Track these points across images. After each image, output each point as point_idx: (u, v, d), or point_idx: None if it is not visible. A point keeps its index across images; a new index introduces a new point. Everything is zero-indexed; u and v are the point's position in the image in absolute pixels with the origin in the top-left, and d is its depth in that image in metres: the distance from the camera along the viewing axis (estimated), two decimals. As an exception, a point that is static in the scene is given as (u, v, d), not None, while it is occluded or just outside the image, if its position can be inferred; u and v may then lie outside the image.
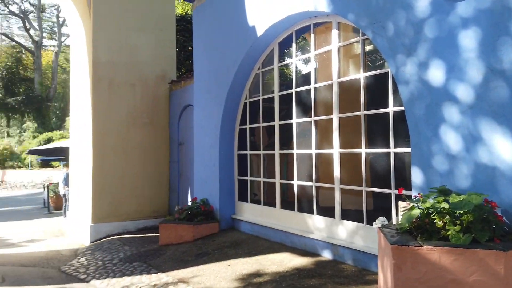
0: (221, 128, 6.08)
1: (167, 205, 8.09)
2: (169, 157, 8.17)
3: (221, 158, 6.11)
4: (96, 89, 7.53)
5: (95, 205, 7.40)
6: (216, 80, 6.23)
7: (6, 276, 4.98)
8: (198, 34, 6.78)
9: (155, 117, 8.07)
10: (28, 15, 44.48)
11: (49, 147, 18.14)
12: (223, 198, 6.10)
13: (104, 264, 5.41)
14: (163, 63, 8.18)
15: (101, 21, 7.59)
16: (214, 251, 5.13)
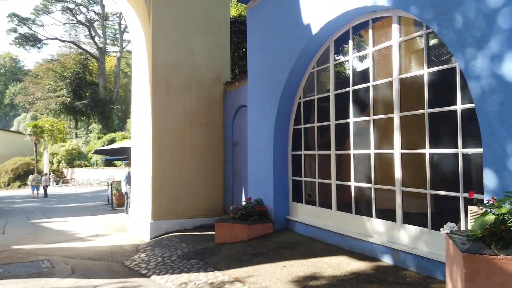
0: (275, 128, 6.06)
1: (222, 204, 8.23)
2: (223, 157, 8.30)
3: (275, 158, 6.08)
4: (155, 91, 7.84)
5: (155, 203, 7.70)
6: (270, 80, 6.22)
7: (75, 269, 5.33)
8: (252, 35, 6.81)
9: (210, 117, 8.23)
10: (93, 24, 47.63)
11: (113, 147, 19.24)
12: (277, 199, 6.07)
13: (164, 260, 5.60)
14: (218, 65, 8.33)
15: (160, 27, 7.89)
16: (269, 252, 5.11)
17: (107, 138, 34.57)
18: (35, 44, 47.43)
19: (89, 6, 47.20)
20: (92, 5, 47.21)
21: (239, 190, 7.80)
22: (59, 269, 5.33)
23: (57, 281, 4.70)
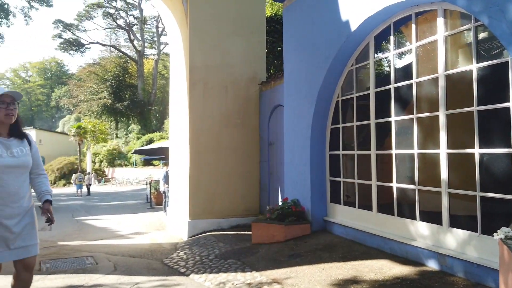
0: (312, 127, 5.96)
1: (258, 204, 8.22)
2: (259, 157, 8.29)
3: (312, 158, 5.98)
4: (192, 92, 7.95)
5: (192, 202, 7.81)
6: (306, 79, 6.12)
7: (117, 265, 5.49)
8: (288, 33, 6.75)
9: (246, 117, 8.25)
10: (132, 28, 49.20)
11: (151, 147, 19.76)
12: (314, 199, 5.97)
13: (201, 259, 5.66)
14: (253, 65, 8.33)
15: (197, 28, 7.99)
16: (306, 253, 5.03)
17: (146, 138, 35.60)
18: (79, 49, 49.62)
19: (128, 10, 48.83)
20: (131, 9, 48.80)
21: (275, 190, 7.75)
22: (102, 265, 5.51)
23: (100, 277, 4.86)
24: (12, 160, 2.75)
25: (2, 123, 2.79)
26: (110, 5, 48.00)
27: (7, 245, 2.72)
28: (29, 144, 2.93)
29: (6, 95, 2.76)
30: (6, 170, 2.71)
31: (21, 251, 2.77)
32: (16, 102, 2.81)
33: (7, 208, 2.71)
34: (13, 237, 2.72)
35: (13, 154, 2.78)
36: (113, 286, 4.48)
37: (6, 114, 2.76)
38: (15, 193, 2.74)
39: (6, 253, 2.72)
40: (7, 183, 2.71)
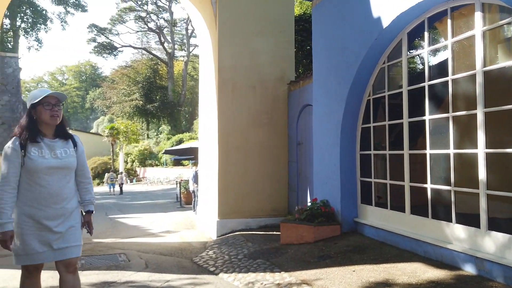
0: (342, 127, 5.86)
1: (287, 204, 8.17)
2: (288, 157, 8.24)
3: (342, 158, 5.88)
4: (221, 92, 8.01)
5: (221, 202, 7.86)
6: (336, 77, 6.03)
7: (148, 263, 5.60)
8: (317, 32, 6.67)
9: (274, 117, 8.22)
10: (162, 30, 50.23)
11: (181, 148, 20.08)
12: (344, 200, 5.86)
13: (230, 258, 5.68)
14: (281, 65, 8.29)
15: (225, 29, 8.04)
16: (336, 255, 4.95)
17: (176, 138, 36.22)
18: (112, 52, 51.16)
19: (159, 13, 49.88)
20: (161, 12, 49.84)
21: (304, 191, 7.68)
22: (134, 262, 5.63)
23: (132, 274, 4.97)
24: (55, 161, 2.76)
25: (48, 124, 2.80)
26: (142, 9, 49.20)
27: (50, 246, 2.73)
28: (75, 146, 2.93)
29: (51, 97, 2.78)
30: (48, 171, 2.72)
31: (64, 252, 2.78)
32: (60, 103, 2.83)
33: (49, 209, 2.72)
34: (56, 237, 2.74)
35: (57, 155, 2.78)
36: (144, 283, 4.57)
37: (51, 116, 2.77)
38: (57, 194, 2.74)
39: (50, 253, 2.74)
40: (49, 184, 2.72)
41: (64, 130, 2.91)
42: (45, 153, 2.74)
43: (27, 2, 37.81)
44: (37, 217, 2.68)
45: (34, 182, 2.69)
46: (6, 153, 2.69)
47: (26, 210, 2.67)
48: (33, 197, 2.68)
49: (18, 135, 2.73)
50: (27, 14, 38.61)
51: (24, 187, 2.70)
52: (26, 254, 2.68)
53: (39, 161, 2.70)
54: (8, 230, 2.59)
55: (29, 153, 2.69)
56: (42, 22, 39.50)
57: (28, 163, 2.68)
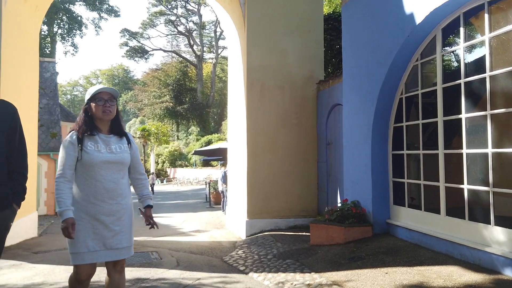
0: (373, 126, 5.75)
1: (316, 205, 8.10)
2: (317, 157, 8.17)
3: (373, 158, 5.77)
4: (250, 93, 8.04)
5: (250, 202, 7.89)
6: (367, 76, 5.93)
7: (179, 261, 5.70)
8: (347, 30, 6.58)
9: (303, 117, 8.18)
10: (192, 33, 51.05)
11: (210, 148, 20.32)
12: (376, 201, 5.75)
13: (260, 258, 5.69)
14: (310, 64, 8.24)
15: (254, 30, 8.08)
16: (368, 256, 4.86)
17: (205, 139, 36.71)
18: (143, 56, 52.48)
19: (188, 17, 50.74)
20: (191, 15, 50.67)
21: (334, 191, 7.59)
22: (166, 260, 5.75)
23: (164, 271, 5.07)
24: (110, 156, 2.75)
25: (101, 120, 2.81)
26: (172, 13, 50.20)
27: (104, 244, 2.69)
28: (129, 143, 2.94)
29: (104, 92, 2.80)
30: (104, 165, 2.72)
31: (117, 252, 2.75)
32: (114, 99, 2.84)
33: (105, 204, 2.70)
34: (111, 235, 2.71)
35: (112, 150, 2.79)
36: (176, 280, 4.66)
37: (103, 111, 2.78)
38: (112, 189, 2.73)
39: (103, 253, 2.70)
40: (105, 178, 2.72)
41: (119, 126, 2.93)
42: (101, 148, 2.75)
43: (63, 9, 39.41)
44: (93, 212, 2.67)
45: (90, 177, 2.70)
46: (63, 146, 2.73)
47: (82, 205, 2.66)
48: (89, 192, 2.68)
49: (75, 130, 2.77)
50: (63, 21, 40.24)
51: (80, 182, 2.70)
52: (78, 253, 2.64)
53: (95, 155, 2.71)
54: (69, 217, 2.55)
55: (86, 147, 2.71)
56: (77, 28, 41.04)
57: (84, 157, 2.69)
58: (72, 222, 2.56)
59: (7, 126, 2.45)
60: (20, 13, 7.94)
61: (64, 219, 2.55)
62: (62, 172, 2.66)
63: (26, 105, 8.48)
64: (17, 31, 7.79)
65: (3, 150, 2.41)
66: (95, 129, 2.80)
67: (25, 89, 8.40)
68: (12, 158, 2.47)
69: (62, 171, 2.66)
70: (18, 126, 2.54)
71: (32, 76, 9.00)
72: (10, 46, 7.39)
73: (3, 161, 2.41)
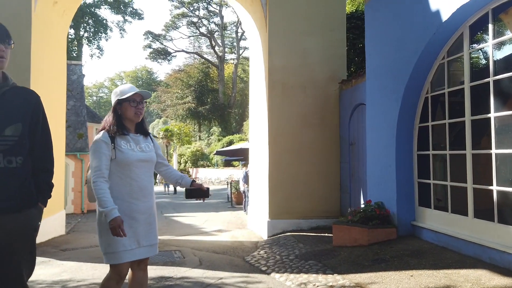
0: (397, 126, 5.64)
1: (339, 206, 8.01)
2: (339, 157, 8.08)
3: (398, 158, 5.67)
4: (271, 93, 8.03)
5: (272, 202, 7.88)
6: (391, 75, 5.82)
7: (202, 260, 5.75)
8: (370, 28, 6.49)
9: (325, 117, 8.10)
10: (213, 34, 51.45)
11: (231, 149, 20.42)
12: (401, 202, 5.64)
13: (282, 259, 5.68)
14: (333, 63, 8.16)
15: (276, 30, 8.07)
16: (392, 259, 4.77)
17: (226, 140, 36.87)
18: (166, 57, 53.19)
19: (210, 18, 51.13)
20: (212, 17, 51.05)
21: (357, 192, 7.49)
22: (189, 259, 5.81)
23: (187, 270, 5.13)
24: (142, 155, 2.78)
25: (132, 120, 2.84)
26: (194, 14, 50.71)
27: (138, 242, 2.69)
28: (152, 142, 2.98)
29: (137, 94, 2.82)
30: (138, 164, 2.74)
31: (148, 249, 2.77)
32: (144, 101, 2.88)
33: (140, 203, 2.72)
34: (144, 233, 2.73)
35: (142, 148, 2.82)
36: (198, 279, 4.70)
37: (135, 113, 2.81)
38: (145, 187, 2.77)
39: (137, 251, 2.70)
40: (139, 177, 2.74)
41: (144, 126, 2.95)
42: (133, 146, 2.77)
43: (89, 13, 40.46)
44: (129, 210, 2.66)
45: (125, 176, 2.70)
46: (97, 146, 2.69)
47: (118, 204, 2.61)
48: (125, 191, 2.68)
49: (106, 129, 2.75)
50: (89, 24, 41.30)
51: (115, 182, 2.68)
52: (116, 252, 2.63)
53: (130, 154, 2.72)
54: (117, 216, 2.53)
55: (119, 146, 2.72)
56: (103, 31, 42.05)
57: (119, 156, 2.69)
58: (120, 220, 2.54)
59: (29, 116, 2.15)
60: (49, 17, 8.21)
61: (112, 218, 2.52)
62: (100, 172, 2.63)
63: (55, 107, 8.75)
64: (45, 35, 8.05)
65: (25, 143, 2.11)
66: (125, 128, 2.81)
67: (54, 91, 8.67)
68: (35, 152, 2.20)
69: (100, 170, 2.63)
70: (41, 116, 2.24)
71: (60, 78, 9.28)
72: (39, 49, 7.64)
73: (26, 155, 2.12)
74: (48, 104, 7.80)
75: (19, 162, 2.07)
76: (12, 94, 2.12)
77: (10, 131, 2.06)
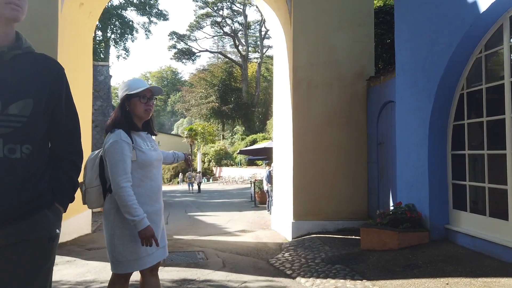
0: (430, 124, 5.36)
1: (366, 208, 7.74)
2: (367, 157, 7.79)
3: (430, 158, 5.38)
4: (296, 91, 7.84)
5: (296, 203, 7.70)
6: (423, 70, 5.53)
7: (225, 262, 5.64)
8: (400, 22, 6.20)
9: (352, 115, 7.84)
10: (237, 34, 51.55)
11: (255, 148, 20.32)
12: (433, 205, 5.35)
13: (307, 262, 5.49)
14: (360, 60, 7.88)
15: (301, 26, 7.86)
16: (425, 265, 4.51)
17: (249, 139, 36.85)
18: (190, 57, 53.72)
19: (234, 17, 51.26)
20: (236, 16, 51.16)
21: (385, 193, 7.20)
22: (212, 261, 5.72)
23: (210, 273, 5.03)
24: (156, 154, 2.62)
25: (140, 118, 2.61)
26: (218, 14, 50.97)
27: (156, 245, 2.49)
28: None
29: (147, 90, 2.58)
30: (156, 163, 2.59)
31: (162, 251, 2.64)
32: (154, 97, 2.66)
33: (157, 204, 2.58)
34: (159, 234, 2.57)
35: (154, 147, 2.65)
36: (222, 282, 4.59)
37: (145, 110, 2.58)
38: (160, 188, 2.65)
39: (156, 253, 2.57)
40: (156, 177, 2.58)
41: (151, 124, 2.74)
42: (148, 145, 2.60)
43: (116, 14, 41.31)
44: (149, 213, 2.47)
45: (145, 177, 2.51)
46: (119, 148, 2.43)
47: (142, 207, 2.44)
48: (144, 193, 2.50)
49: (121, 127, 2.52)
50: (116, 26, 42.16)
51: (136, 184, 2.46)
52: (139, 258, 2.47)
53: (150, 154, 2.55)
54: (149, 225, 2.38)
55: (139, 146, 2.52)
56: (129, 32, 42.86)
57: (141, 157, 2.49)
58: (152, 229, 2.41)
59: (46, 91, 1.61)
60: (75, 19, 8.30)
61: (145, 228, 2.37)
62: (127, 176, 2.41)
63: (82, 107, 8.86)
64: (72, 36, 8.15)
65: (40, 125, 1.59)
66: (135, 126, 2.59)
67: (80, 91, 8.78)
68: (55, 140, 1.70)
69: (126, 175, 2.41)
70: (65, 93, 1.71)
71: (86, 79, 9.40)
72: (66, 50, 7.73)
73: (38, 143, 1.59)
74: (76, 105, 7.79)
75: (25, 151, 1.53)
76: (25, 61, 1.59)
77: (16, 109, 1.52)
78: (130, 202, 2.36)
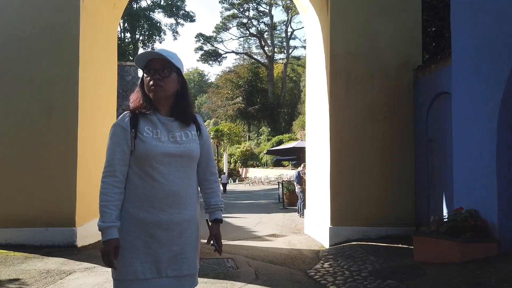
0: (499, 117, 4.56)
1: (414, 213, 6.92)
2: (415, 156, 6.98)
3: (499, 157, 4.57)
4: (333, 84, 7.14)
5: (334, 206, 6.98)
6: (488, 55, 4.74)
7: (258, 273, 5.01)
8: (458, 2, 5.41)
9: (396, 110, 7.05)
10: (263, 35, 51.17)
11: (283, 148, 19.67)
12: (503, 211, 4.54)
13: (352, 275, 4.79)
14: (406, 48, 7.09)
15: (339, 12, 7.15)
16: (501, 284, 3.74)
17: (275, 140, 36.32)
18: (216, 59, 53.74)
19: (260, 18, 50.91)
20: (262, 17, 50.79)
21: (438, 197, 6.38)
22: (243, 271, 5.10)
23: (242, 286, 4.42)
24: (173, 147, 1.94)
25: (154, 98, 1.97)
26: (244, 15, 50.76)
27: (158, 270, 1.91)
28: (198, 129, 2.09)
29: (155, 60, 1.95)
30: (164, 159, 1.92)
31: (175, 282, 1.95)
32: (167, 67, 1.95)
33: (162, 214, 1.91)
34: (168, 258, 1.93)
35: (176, 138, 1.97)
36: (256, 298, 3.97)
37: (151, 85, 1.93)
38: (175, 193, 1.94)
39: (155, 282, 1.90)
40: (165, 178, 1.92)
41: (184, 106, 2.02)
42: (162, 135, 1.95)
43: (144, 16, 41.73)
44: (146, 224, 1.89)
45: (146, 175, 1.91)
46: (111, 133, 1.95)
47: (132, 213, 1.90)
48: (143, 196, 1.90)
49: (129, 110, 1.99)
50: (144, 28, 42.62)
51: (132, 181, 1.93)
52: (124, 280, 1.88)
53: (153, 144, 1.91)
54: (112, 238, 1.82)
55: (141, 132, 1.92)
56: (157, 33, 43.25)
57: (139, 147, 1.90)
58: (116, 246, 1.83)
59: None
60: (98, 10, 7.91)
61: (106, 239, 1.82)
62: (110, 169, 1.90)
63: (105, 104, 8.49)
64: (95, 29, 7.75)
65: None
66: (152, 107, 1.97)
67: (103, 85, 8.39)
68: None
69: (111, 167, 1.90)
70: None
71: (110, 74, 9.01)
72: (88, 44, 7.33)
73: None
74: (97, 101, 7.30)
75: None
76: None
77: None
78: (102, 201, 1.87)
